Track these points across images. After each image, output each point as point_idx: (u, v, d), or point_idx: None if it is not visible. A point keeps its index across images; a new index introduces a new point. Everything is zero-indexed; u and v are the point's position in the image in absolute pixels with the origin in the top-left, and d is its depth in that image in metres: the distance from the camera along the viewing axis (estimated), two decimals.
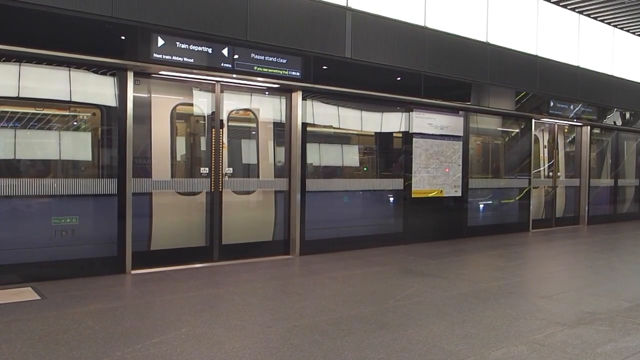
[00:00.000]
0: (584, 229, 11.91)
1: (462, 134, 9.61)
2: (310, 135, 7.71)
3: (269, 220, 7.54)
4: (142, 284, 5.66)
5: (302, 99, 7.47)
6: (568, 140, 12.71)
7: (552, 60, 11.19)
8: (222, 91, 6.90)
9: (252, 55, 6.75)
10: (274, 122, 7.61)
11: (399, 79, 8.51)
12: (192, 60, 6.28)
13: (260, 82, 7.01)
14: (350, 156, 8.71)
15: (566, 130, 12.49)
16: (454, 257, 7.78)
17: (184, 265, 6.49)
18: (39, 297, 4.98)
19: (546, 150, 12.00)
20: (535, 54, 10.83)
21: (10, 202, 5.52)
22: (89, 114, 6.13)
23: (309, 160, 7.68)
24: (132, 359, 3.48)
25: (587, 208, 12.54)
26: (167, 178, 6.63)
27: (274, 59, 6.93)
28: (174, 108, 6.79)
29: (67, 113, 5.99)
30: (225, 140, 6.95)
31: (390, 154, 9.07)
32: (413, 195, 8.87)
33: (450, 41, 9.22)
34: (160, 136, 6.64)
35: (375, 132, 8.77)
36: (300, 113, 7.43)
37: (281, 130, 7.56)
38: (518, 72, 10.49)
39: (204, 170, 6.78)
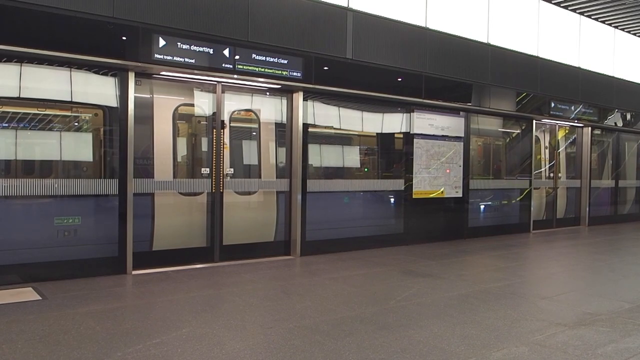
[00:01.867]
0: (584, 230, 11.90)
1: (463, 135, 9.61)
2: (312, 136, 7.72)
3: (270, 221, 7.54)
4: (143, 284, 5.66)
5: (303, 100, 7.47)
6: (569, 141, 12.71)
7: (553, 61, 11.19)
8: (223, 92, 6.90)
9: (254, 55, 6.75)
10: (275, 123, 7.61)
11: (400, 79, 8.51)
12: (193, 61, 6.28)
13: (261, 83, 7.02)
14: (351, 157, 8.71)
15: (567, 131, 12.48)
16: (455, 258, 7.78)
17: (185, 266, 6.49)
18: (40, 298, 4.99)
19: (547, 151, 12.00)
20: (536, 54, 10.83)
21: (12, 203, 5.53)
22: (91, 115, 6.14)
23: (310, 161, 7.68)
24: None
25: (587, 209, 12.54)
26: (169, 178, 6.63)
27: (275, 60, 6.93)
28: (176, 109, 6.80)
29: (68, 113, 6.00)
30: (226, 140, 6.96)
31: (391, 154, 9.07)
32: (414, 196, 8.87)
33: (451, 42, 9.22)
34: (162, 137, 6.64)
35: (376, 133, 8.77)
36: (301, 114, 7.43)
37: (282, 131, 7.56)
38: (519, 73, 10.49)
39: (206, 170, 6.79)
